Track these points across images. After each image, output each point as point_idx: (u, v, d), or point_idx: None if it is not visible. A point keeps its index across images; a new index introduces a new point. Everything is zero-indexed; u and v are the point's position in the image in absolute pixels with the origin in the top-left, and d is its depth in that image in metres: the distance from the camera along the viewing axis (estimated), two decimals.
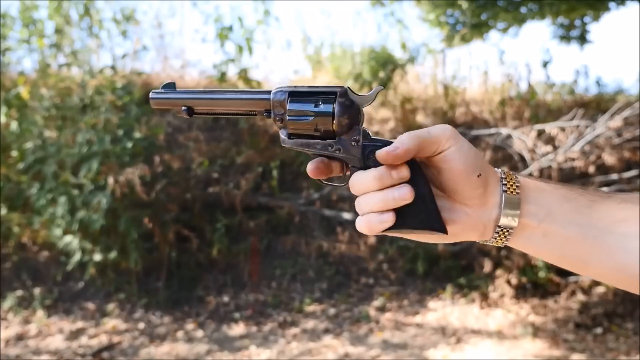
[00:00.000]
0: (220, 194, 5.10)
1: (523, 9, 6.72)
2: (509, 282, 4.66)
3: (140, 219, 4.54)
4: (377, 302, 4.67)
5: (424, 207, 0.66)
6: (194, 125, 5.78)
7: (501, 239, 0.68)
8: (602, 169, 4.91)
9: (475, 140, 5.57)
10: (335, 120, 0.69)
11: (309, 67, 7.28)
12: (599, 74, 8.13)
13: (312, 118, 0.69)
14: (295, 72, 7.30)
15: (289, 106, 0.70)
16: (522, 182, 0.67)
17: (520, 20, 6.88)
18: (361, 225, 0.67)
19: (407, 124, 6.19)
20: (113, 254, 4.49)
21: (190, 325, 4.32)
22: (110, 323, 4.30)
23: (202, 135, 5.63)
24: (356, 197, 0.69)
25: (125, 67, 5.82)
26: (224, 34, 5.89)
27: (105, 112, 4.64)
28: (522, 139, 4.98)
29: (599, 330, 4.20)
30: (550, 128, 5.04)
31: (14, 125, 4.60)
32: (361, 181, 0.67)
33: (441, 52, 6.98)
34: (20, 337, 4.05)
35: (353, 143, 0.69)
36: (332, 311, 4.58)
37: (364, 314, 4.46)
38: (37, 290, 4.59)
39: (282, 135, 0.72)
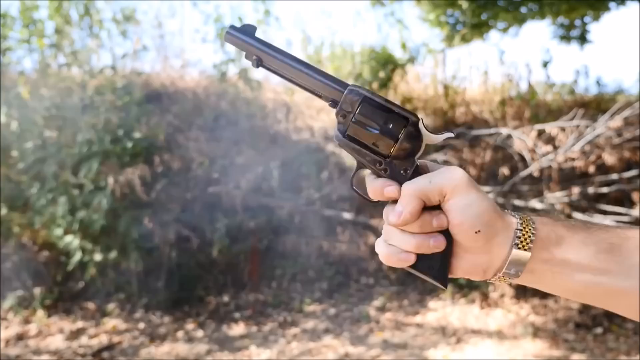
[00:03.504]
0: (220, 194, 5.10)
1: (523, 9, 6.72)
2: None
3: (140, 219, 4.53)
4: (377, 302, 4.67)
5: (438, 257, 0.67)
6: (194, 125, 5.77)
7: (505, 281, 0.67)
8: (602, 169, 4.91)
9: (475, 140, 5.57)
10: (398, 145, 0.68)
11: None
12: (599, 74, 8.14)
13: (377, 132, 0.68)
14: None
15: (359, 110, 0.69)
16: (538, 231, 0.64)
17: (520, 20, 6.88)
18: (382, 254, 0.68)
19: None
20: (113, 254, 4.49)
21: (190, 325, 4.32)
22: (111, 323, 4.30)
23: (202, 135, 5.63)
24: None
25: (125, 67, 5.82)
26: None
27: (105, 112, 4.64)
28: (522, 139, 4.98)
29: (599, 330, 4.20)
30: (550, 128, 5.04)
31: (14, 125, 4.60)
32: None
33: (441, 52, 6.98)
34: (20, 337, 4.05)
35: (402, 172, 0.68)
36: (332, 311, 4.57)
37: (364, 314, 4.46)
38: (37, 290, 4.59)
39: (337, 130, 0.71)
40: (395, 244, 0.67)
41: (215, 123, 5.90)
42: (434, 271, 0.67)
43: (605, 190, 4.72)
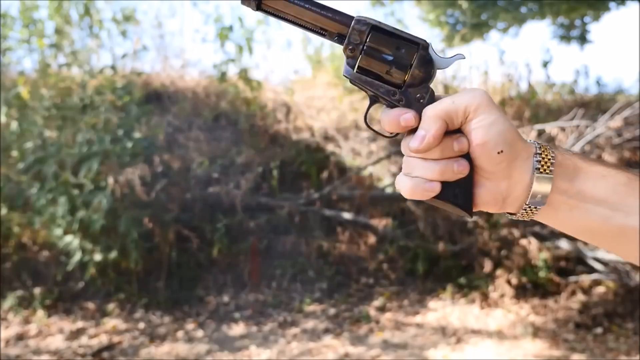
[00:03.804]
0: (220, 194, 5.10)
1: (523, 9, 6.73)
2: (509, 282, 4.66)
3: (140, 219, 4.54)
4: (377, 302, 4.67)
5: (463, 183, 0.64)
6: (194, 125, 5.78)
7: (527, 215, 0.65)
8: None
9: None
10: (411, 70, 0.66)
11: (309, 67, 7.29)
12: (599, 74, 8.13)
13: (389, 59, 0.66)
14: (295, 72, 7.31)
15: (369, 39, 0.66)
16: (558, 158, 0.63)
17: (520, 20, 6.89)
18: (406, 187, 0.65)
19: None
20: (113, 254, 4.49)
21: (190, 325, 4.32)
22: (111, 323, 4.30)
23: (202, 135, 5.63)
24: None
25: (125, 67, 5.83)
26: (224, 34, 5.89)
27: (105, 112, 4.64)
28: None
29: (599, 330, 4.20)
30: (551, 128, 5.04)
31: (14, 125, 4.60)
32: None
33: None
34: (20, 337, 4.05)
35: (417, 100, 0.66)
36: (332, 311, 4.58)
37: (364, 314, 4.46)
38: (37, 290, 4.59)
39: (347, 65, 0.68)
40: (419, 174, 0.64)
41: (215, 123, 5.90)
42: (459, 199, 0.65)
43: None
